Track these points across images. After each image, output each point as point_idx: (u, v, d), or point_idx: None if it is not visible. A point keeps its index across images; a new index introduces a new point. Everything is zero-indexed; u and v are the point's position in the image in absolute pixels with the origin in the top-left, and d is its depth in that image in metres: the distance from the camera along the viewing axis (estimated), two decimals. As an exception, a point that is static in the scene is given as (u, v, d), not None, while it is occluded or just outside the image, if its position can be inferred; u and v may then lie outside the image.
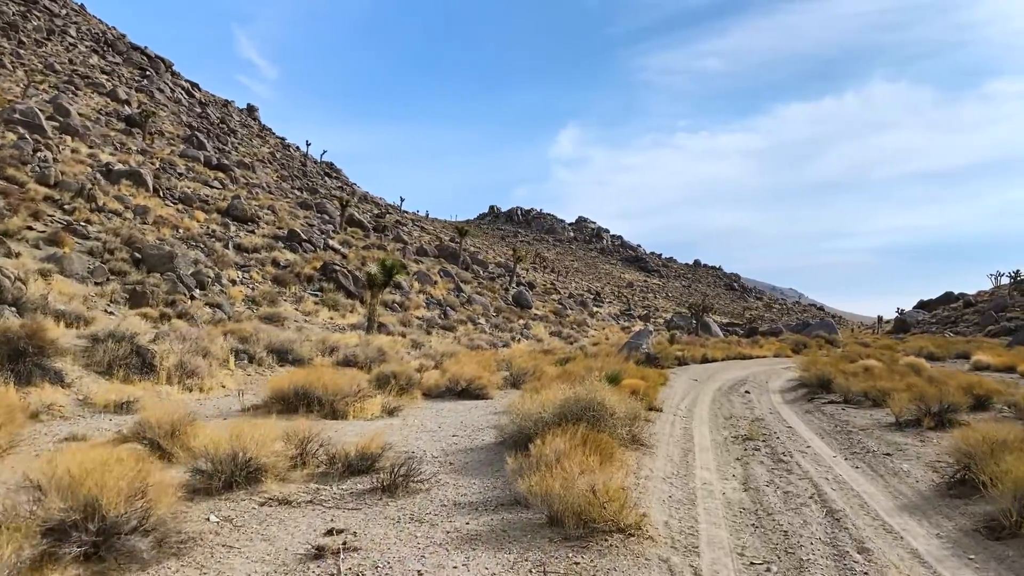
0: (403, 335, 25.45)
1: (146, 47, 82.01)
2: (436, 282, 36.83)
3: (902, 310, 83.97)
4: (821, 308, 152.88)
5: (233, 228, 32.91)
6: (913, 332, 67.43)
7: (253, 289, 26.37)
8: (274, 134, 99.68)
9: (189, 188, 36.20)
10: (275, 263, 30.08)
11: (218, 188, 39.41)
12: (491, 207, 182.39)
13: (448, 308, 33.28)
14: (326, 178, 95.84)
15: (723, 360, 27.07)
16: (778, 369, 25.04)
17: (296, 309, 26.27)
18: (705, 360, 25.84)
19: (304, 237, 34.32)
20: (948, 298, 78.57)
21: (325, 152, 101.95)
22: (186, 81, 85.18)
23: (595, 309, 61.70)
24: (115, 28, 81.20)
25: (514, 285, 50.00)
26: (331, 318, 26.59)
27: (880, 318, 78.63)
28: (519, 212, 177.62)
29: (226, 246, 29.99)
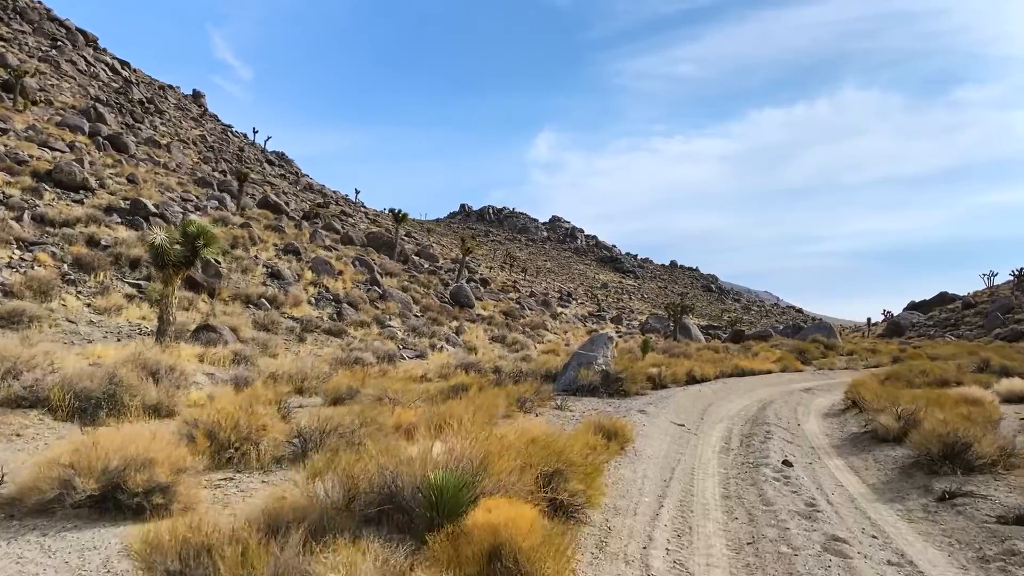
0: (242, 342, 16.88)
1: (67, 19, 72.53)
2: (341, 272, 28.23)
3: (890, 312, 77.82)
4: (800, 311, 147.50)
5: (48, 195, 23.99)
6: (909, 335, 60.77)
7: (25, 274, 17.62)
8: (219, 120, 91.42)
9: (8, 146, 27.14)
10: (92, 241, 21.31)
11: (62, 152, 30.32)
12: (462, 205, 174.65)
13: (347, 306, 24.77)
14: (268, 165, 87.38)
15: (716, 378, 19.06)
16: (797, 392, 17.07)
17: (87, 304, 17.59)
18: (692, 379, 17.77)
19: (155, 211, 25.52)
20: (944, 299, 72.12)
21: (270, 139, 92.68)
22: (113, 58, 75.81)
23: (559, 310, 53.53)
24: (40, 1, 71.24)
25: (461, 281, 41.61)
26: (143, 317, 17.93)
27: (869, 320, 73.25)
28: (491, 211, 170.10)
29: (19, 217, 21.13)
